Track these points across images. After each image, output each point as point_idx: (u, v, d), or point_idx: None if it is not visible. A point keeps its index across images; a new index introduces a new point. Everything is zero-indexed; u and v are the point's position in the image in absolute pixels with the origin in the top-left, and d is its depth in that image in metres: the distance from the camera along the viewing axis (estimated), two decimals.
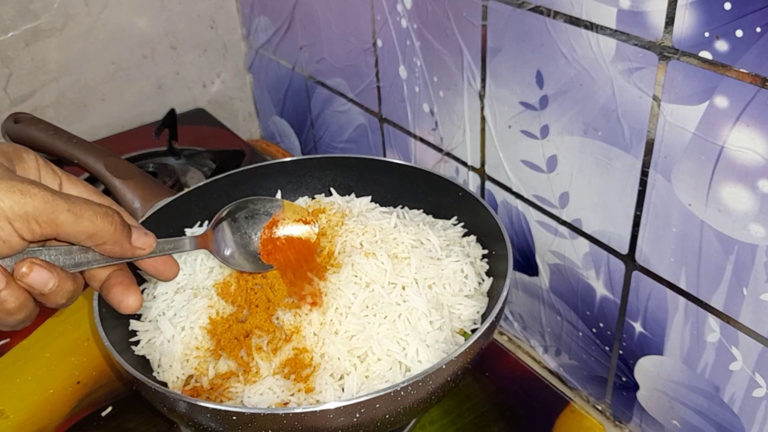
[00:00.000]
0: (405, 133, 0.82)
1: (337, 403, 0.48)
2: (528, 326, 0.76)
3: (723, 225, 0.49)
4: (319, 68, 0.94)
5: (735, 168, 0.47)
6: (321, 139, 1.02)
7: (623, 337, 0.62)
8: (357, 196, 0.74)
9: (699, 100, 0.47)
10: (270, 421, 0.48)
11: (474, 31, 0.64)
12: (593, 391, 0.70)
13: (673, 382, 0.59)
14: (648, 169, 0.53)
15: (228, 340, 0.57)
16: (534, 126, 0.62)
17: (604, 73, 0.54)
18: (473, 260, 0.64)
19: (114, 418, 0.66)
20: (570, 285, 0.66)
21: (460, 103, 0.70)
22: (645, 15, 0.49)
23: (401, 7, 0.73)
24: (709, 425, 0.58)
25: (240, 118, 1.24)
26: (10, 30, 0.98)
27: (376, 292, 0.58)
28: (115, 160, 0.75)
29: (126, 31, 1.07)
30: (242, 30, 1.15)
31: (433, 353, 0.55)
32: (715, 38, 0.45)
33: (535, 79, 0.60)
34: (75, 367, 0.71)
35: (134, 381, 0.52)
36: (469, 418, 0.64)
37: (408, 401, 0.50)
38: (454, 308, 0.60)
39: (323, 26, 0.89)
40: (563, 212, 0.64)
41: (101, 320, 0.57)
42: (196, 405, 0.49)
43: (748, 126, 0.45)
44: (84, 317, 0.77)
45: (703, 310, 0.54)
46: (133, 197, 0.72)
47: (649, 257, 0.57)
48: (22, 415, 0.66)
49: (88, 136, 0.92)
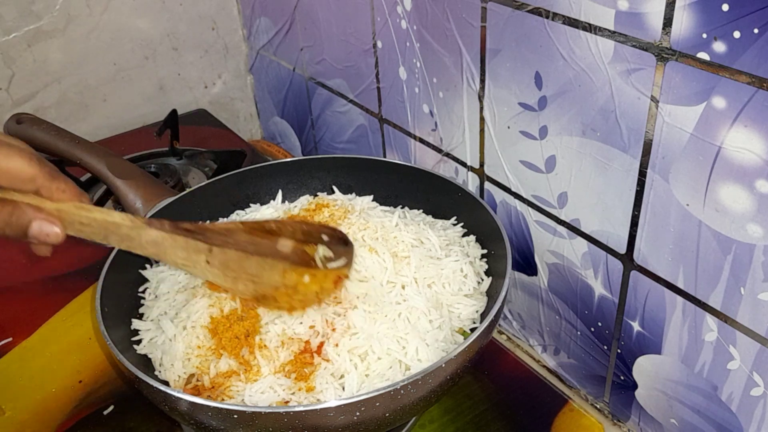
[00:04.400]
0: (405, 133, 0.82)
1: (338, 402, 0.48)
2: (527, 325, 0.76)
3: (721, 225, 0.50)
4: (320, 69, 0.94)
5: (733, 168, 0.47)
6: (321, 140, 1.03)
7: (621, 336, 0.63)
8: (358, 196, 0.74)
9: (697, 101, 0.48)
10: (271, 420, 0.48)
11: (473, 33, 0.65)
12: (592, 390, 0.70)
13: (671, 381, 0.60)
14: (646, 169, 0.54)
15: (229, 339, 0.57)
16: (533, 126, 0.63)
17: (603, 74, 0.54)
18: (472, 260, 0.65)
19: (116, 417, 0.66)
20: (569, 284, 0.67)
21: (460, 103, 0.70)
22: (643, 16, 0.49)
23: (401, 9, 0.73)
24: (707, 424, 0.58)
25: (241, 118, 1.25)
26: (12, 31, 0.98)
27: (375, 289, 0.58)
28: (117, 161, 0.75)
29: (127, 32, 1.08)
30: (243, 31, 1.15)
31: (432, 352, 0.55)
32: (713, 39, 0.45)
33: (533, 80, 0.60)
34: (77, 365, 0.72)
35: (136, 380, 0.52)
36: (469, 417, 0.65)
37: (408, 400, 0.50)
38: (454, 307, 0.60)
39: (324, 27, 0.89)
40: (562, 212, 0.64)
41: (103, 319, 0.57)
42: (198, 404, 0.49)
43: (746, 126, 0.45)
44: (86, 316, 0.77)
45: (701, 309, 0.54)
46: (135, 197, 0.72)
47: (647, 257, 0.57)
48: (24, 414, 0.66)
49: (90, 136, 0.92)
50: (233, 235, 0.58)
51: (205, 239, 0.56)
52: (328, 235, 0.59)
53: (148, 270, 0.67)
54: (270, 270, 0.57)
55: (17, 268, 0.85)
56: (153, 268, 0.68)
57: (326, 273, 0.57)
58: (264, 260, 0.57)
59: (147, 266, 0.68)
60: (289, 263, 0.58)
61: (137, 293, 0.66)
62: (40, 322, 0.77)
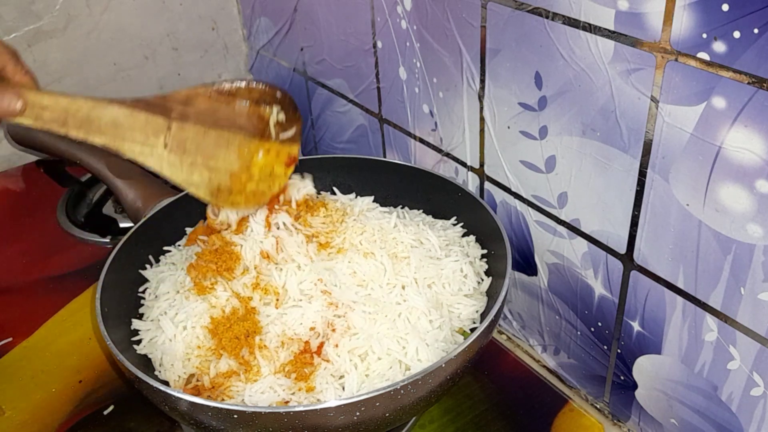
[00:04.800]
0: (405, 133, 0.82)
1: (338, 402, 0.48)
2: (527, 325, 0.76)
3: (721, 225, 0.50)
4: (320, 69, 0.94)
5: (733, 168, 0.47)
6: (321, 140, 1.03)
7: (621, 336, 0.63)
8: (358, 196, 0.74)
9: (697, 101, 0.48)
10: (271, 420, 0.48)
11: (473, 33, 0.65)
12: (592, 390, 0.70)
13: (671, 381, 0.60)
14: (646, 169, 0.54)
15: (229, 340, 0.57)
16: (533, 126, 0.63)
17: (603, 74, 0.54)
18: (472, 260, 0.65)
19: (115, 417, 0.66)
20: (569, 284, 0.67)
21: (460, 103, 0.70)
22: (643, 16, 0.49)
23: (401, 9, 0.73)
24: (707, 424, 0.58)
25: None
26: (12, 31, 0.98)
27: (374, 292, 0.59)
28: (117, 160, 0.75)
29: (127, 32, 1.07)
30: (243, 31, 1.15)
31: (432, 352, 0.55)
32: (712, 39, 0.45)
33: (533, 80, 0.60)
34: (77, 365, 0.72)
35: (136, 380, 0.52)
36: (469, 417, 0.65)
37: (408, 400, 0.50)
38: (454, 307, 0.60)
39: (324, 27, 0.89)
40: (562, 212, 0.64)
41: (103, 319, 0.57)
42: (198, 404, 0.49)
43: (746, 126, 0.45)
44: (86, 316, 0.77)
45: (701, 309, 0.54)
46: (135, 197, 0.72)
47: (647, 257, 0.57)
48: (24, 414, 0.66)
49: None
50: (194, 103, 0.57)
51: (165, 111, 0.56)
52: (281, 95, 0.61)
53: (148, 270, 0.67)
54: (226, 148, 0.58)
55: (17, 268, 0.85)
56: (153, 268, 0.68)
57: (279, 149, 0.59)
58: (221, 135, 0.58)
59: (147, 266, 0.68)
60: (245, 135, 0.59)
61: (137, 293, 0.66)
62: (40, 322, 0.77)
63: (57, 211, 0.94)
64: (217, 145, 0.58)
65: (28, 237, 0.91)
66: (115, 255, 0.64)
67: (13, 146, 0.85)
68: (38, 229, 0.92)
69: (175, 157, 0.57)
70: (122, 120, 0.54)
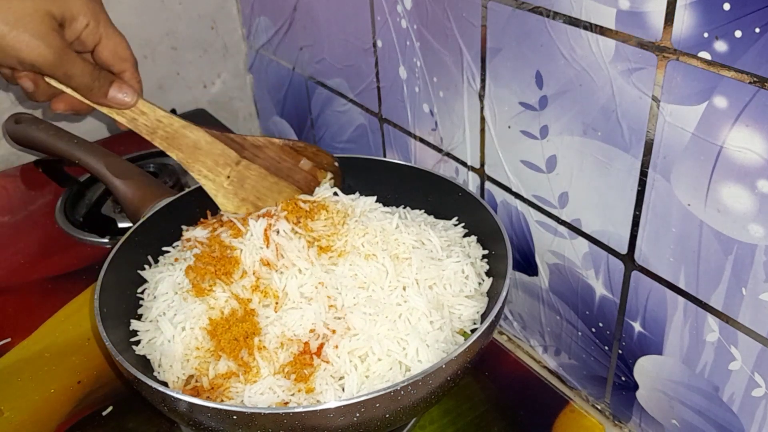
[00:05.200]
0: (405, 133, 0.82)
1: (338, 403, 0.48)
2: (528, 326, 0.76)
3: (722, 225, 0.49)
4: (320, 68, 0.94)
5: (734, 168, 0.47)
6: (321, 139, 1.02)
7: (623, 336, 0.63)
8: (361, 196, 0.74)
9: (698, 101, 0.47)
10: (270, 421, 0.48)
11: (474, 32, 0.64)
12: (593, 391, 0.70)
13: (672, 382, 0.59)
14: (647, 169, 0.54)
15: (228, 341, 0.57)
16: (533, 126, 0.63)
17: (604, 74, 0.54)
18: (474, 260, 0.65)
19: (114, 418, 0.66)
20: (569, 285, 0.67)
21: (460, 103, 0.70)
22: (644, 15, 0.49)
23: (401, 8, 0.73)
24: (708, 425, 0.58)
25: (240, 118, 1.24)
26: None
27: (375, 294, 0.58)
28: (116, 160, 0.75)
29: (126, 31, 1.06)
30: (242, 30, 1.15)
31: (433, 353, 0.55)
32: (714, 39, 0.45)
33: (534, 79, 0.60)
34: (75, 366, 0.71)
35: (135, 380, 0.52)
36: (469, 418, 0.64)
37: (408, 401, 0.50)
38: (455, 308, 0.60)
39: (323, 27, 0.89)
40: (563, 212, 0.64)
41: (102, 320, 0.57)
42: (197, 404, 0.49)
43: (747, 126, 0.45)
44: (85, 317, 0.77)
45: (703, 309, 0.54)
46: (134, 197, 0.72)
47: (648, 257, 0.57)
48: (23, 415, 0.66)
49: (89, 136, 0.91)
50: (264, 150, 0.65)
51: (240, 149, 0.63)
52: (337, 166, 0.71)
53: (146, 271, 0.67)
54: (277, 194, 0.66)
55: (16, 268, 0.85)
56: (152, 268, 0.67)
57: None
58: (278, 182, 0.66)
59: (146, 267, 0.67)
60: (296, 188, 0.68)
61: (136, 294, 0.65)
62: (39, 322, 0.76)
63: (55, 211, 0.94)
64: (270, 189, 0.66)
65: (27, 237, 0.90)
66: (114, 255, 0.63)
67: (12, 146, 0.84)
68: (37, 229, 0.92)
69: (233, 189, 0.64)
70: (202, 144, 0.61)
